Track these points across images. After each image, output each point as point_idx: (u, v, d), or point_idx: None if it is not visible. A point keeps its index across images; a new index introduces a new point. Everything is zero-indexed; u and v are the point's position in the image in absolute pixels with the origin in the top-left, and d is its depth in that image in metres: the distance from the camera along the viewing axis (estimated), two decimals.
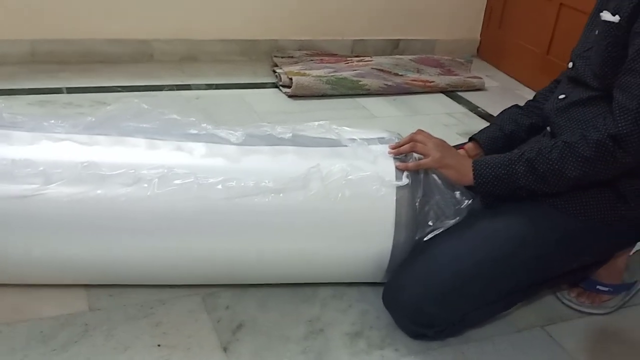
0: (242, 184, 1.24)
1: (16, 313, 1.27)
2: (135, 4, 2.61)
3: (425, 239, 1.32)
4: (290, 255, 1.32)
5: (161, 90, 2.45)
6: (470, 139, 1.54)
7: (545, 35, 2.87)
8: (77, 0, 2.51)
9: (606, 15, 1.26)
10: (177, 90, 2.48)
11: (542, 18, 2.89)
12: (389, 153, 1.35)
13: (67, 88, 2.35)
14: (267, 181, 1.25)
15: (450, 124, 2.45)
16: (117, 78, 2.49)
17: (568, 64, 1.42)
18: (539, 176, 1.25)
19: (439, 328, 1.29)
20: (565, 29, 2.77)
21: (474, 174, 1.30)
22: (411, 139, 1.36)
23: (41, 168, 1.19)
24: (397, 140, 1.39)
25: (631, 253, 1.50)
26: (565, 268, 1.37)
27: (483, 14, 3.29)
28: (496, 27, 3.23)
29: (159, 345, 1.23)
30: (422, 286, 1.25)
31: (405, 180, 1.30)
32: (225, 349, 1.24)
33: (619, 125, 1.18)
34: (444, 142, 1.38)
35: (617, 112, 1.19)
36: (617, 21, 1.23)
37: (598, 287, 1.48)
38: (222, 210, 1.24)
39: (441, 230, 1.32)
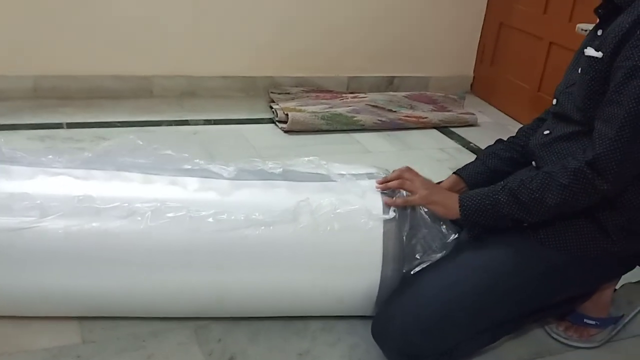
0: (233, 217, 1.27)
1: (9, 344, 1.29)
2: (137, 41, 2.68)
3: (412, 272, 1.35)
4: (280, 288, 1.34)
5: (160, 125, 2.50)
6: (455, 174, 1.57)
7: (536, 72, 2.94)
8: (80, 37, 2.59)
9: (590, 51, 1.31)
10: (176, 125, 2.53)
11: (533, 56, 2.96)
12: (377, 188, 1.39)
13: (67, 123, 2.40)
14: (257, 214, 1.28)
15: (442, 159, 2.50)
16: (118, 113, 2.54)
17: (553, 100, 1.46)
18: (521, 205, 1.28)
19: None
20: (555, 67, 2.83)
21: (460, 206, 1.33)
22: (399, 176, 1.40)
23: (38, 201, 1.22)
24: (384, 176, 1.43)
25: (617, 287, 1.53)
26: (550, 301, 1.39)
27: (476, 52, 3.36)
28: (488, 65, 3.30)
29: None
30: (410, 318, 1.28)
31: (392, 214, 1.33)
32: None
33: (597, 152, 1.22)
34: (430, 180, 1.43)
35: (596, 140, 1.23)
36: (600, 57, 1.27)
37: (585, 320, 1.50)
38: (213, 242, 1.27)
39: (428, 264, 1.35)
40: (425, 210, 1.38)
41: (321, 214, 1.31)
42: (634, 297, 1.56)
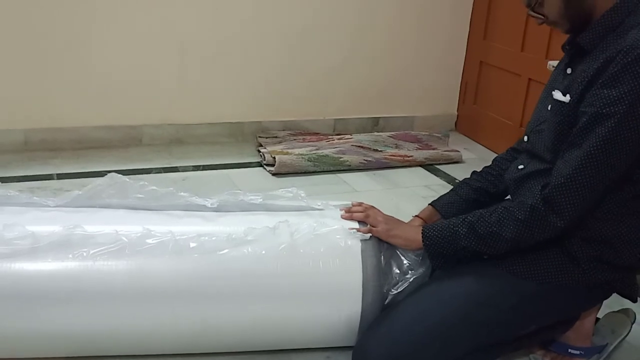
0: (215, 238, 1.33)
1: None
2: (125, 91, 2.74)
3: (392, 290, 1.39)
4: (263, 316, 1.36)
5: (150, 172, 2.54)
6: (430, 205, 1.64)
7: (517, 108, 3.01)
8: (68, 89, 2.64)
9: (557, 95, 1.36)
10: (165, 172, 2.57)
11: (513, 93, 3.04)
12: (342, 217, 1.46)
13: (57, 174, 2.44)
14: (238, 233, 1.34)
15: (428, 196, 2.52)
16: (107, 162, 2.58)
17: (523, 137, 1.51)
18: (478, 237, 1.34)
19: None
20: (534, 103, 2.81)
21: (422, 236, 1.39)
22: (364, 210, 1.48)
23: (30, 231, 1.27)
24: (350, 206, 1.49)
25: (599, 316, 1.55)
26: (524, 330, 1.41)
27: (459, 91, 3.44)
28: (471, 103, 3.37)
29: None
30: (384, 347, 1.31)
31: (367, 235, 1.39)
32: None
33: (552, 190, 1.27)
34: (393, 217, 1.50)
35: (553, 178, 1.28)
36: (567, 101, 1.32)
37: (570, 350, 1.50)
38: (196, 268, 1.31)
39: (406, 285, 1.39)
40: None
41: (301, 235, 1.37)
42: (617, 326, 1.57)
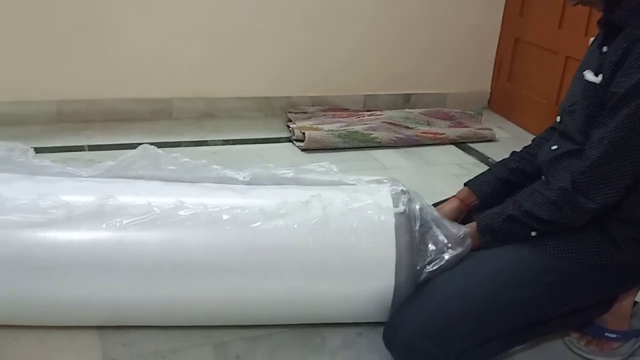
0: (247, 211, 1.32)
1: None
2: (156, 65, 2.74)
3: (426, 269, 1.36)
4: (295, 288, 1.35)
5: (180, 146, 2.54)
6: (465, 185, 1.62)
7: (553, 86, 2.94)
8: (100, 62, 2.65)
9: (589, 75, 1.33)
10: (195, 146, 2.57)
11: (549, 70, 2.96)
12: None
13: (89, 146, 2.46)
14: (271, 206, 1.33)
15: (460, 174, 2.49)
16: (138, 135, 2.59)
17: (557, 117, 1.47)
18: (522, 210, 1.34)
19: None
20: (571, 81, 2.82)
21: (476, 221, 1.40)
22: None
23: (64, 200, 1.27)
24: (397, 186, 1.45)
25: (638, 299, 1.51)
26: (560, 310, 1.39)
27: (492, 68, 3.37)
28: (505, 80, 3.30)
29: None
30: (416, 326, 1.29)
31: (402, 207, 1.37)
32: None
33: (579, 172, 1.27)
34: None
35: (581, 161, 1.28)
36: (598, 82, 1.30)
37: (606, 334, 1.48)
38: (229, 240, 1.30)
39: (442, 263, 1.36)
40: (434, 211, 1.42)
41: (333, 209, 1.35)
42: None
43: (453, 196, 1.61)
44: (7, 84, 2.54)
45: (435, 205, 1.58)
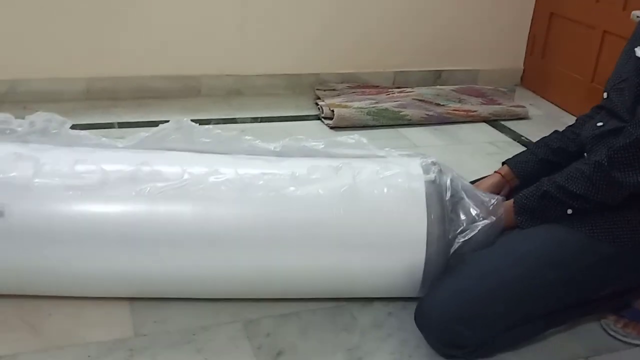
0: (279, 176, 1.33)
1: (65, 337, 1.32)
2: (185, 42, 2.72)
3: (457, 238, 1.34)
4: (325, 259, 1.34)
5: (208, 123, 2.52)
6: (504, 163, 1.59)
7: (589, 63, 2.85)
8: (129, 39, 2.64)
9: (639, 52, 1.27)
10: (223, 123, 2.56)
11: (586, 46, 2.87)
12: None
13: (118, 123, 2.46)
14: (302, 171, 1.34)
15: (493, 152, 2.44)
16: (167, 112, 2.58)
17: (603, 93, 1.42)
18: (557, 186, 1.31)
19: (468, 349, 1.30)
20: (609, 57, 2.73)
21: (513, 200, 1.38)
22: None
23: (100, 166, 1.30)
24: (428, 158, 1.43)
25: None
26: (597, 293, 1.35)
27: (526, 43, 3.28)
28: (539, 56, 3.21)
29: None
30: (450, 305, 1.27)
31: (432, 175, 1.36)
32: None
33: (617, 146, 1.24)
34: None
35: (621, 137, 1.25)
36: None
37: None
38: (261, 204, 1.31)
39: (474, 232, 1.34)
40: (465, 181, 1.40)
41: (364, 177, 1.34)
42: None
43: (495, 172, 1.58)
44: (36, 60, 2.54)
45: (474, 182, 1.55)
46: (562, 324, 1.43)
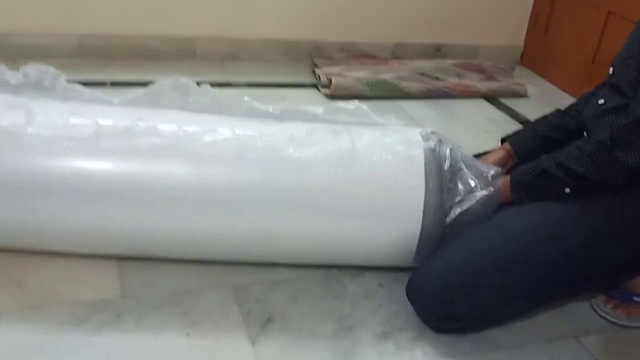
0: (277, 138, 1.30)
1: (51, 295, 1.30)
2: (181, 2, 2.65)
3: (454, 208, 1.32)
4: (318, 218, 1.32)
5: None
6: (503, 140, 1.57)
7: (592, 43, 2.81)
8: None
9: None
10: (218, 87, 2.48)
11: (589, 26, 2.83)
12: None
13: (111, 82, 2.40)
14: (300, 133, 1.31)
15: (490, 129, 2.42)
16: (160, 73, 2.46)
17: (609, 69, 1.40)
18: (557, 164, 1.29)
19: (459, 323, 1.29)
20: (612, 38, 2.70)
21: (510, 176, 1.36)
22: None
23: (94, 119, 1.27)
24: (429, 130, 1.41)
25: None
26: (590, 271, 1.34)
27: (528, 20, 3.23)
28: (541, 34, 3.17)
29: (187, 334, 1.24)
30: (443, 280, 1.27)
31: (432, 143, 1.33)
32: (253, 343, 1.25)
33: (622, 125, 1.22)
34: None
35: (625, 115, 1.23)
36: None
37: (634, 298, 1.44)
38: (256, 167, 1.28)
39: (471, 203, 1.32)
40: (464, 151, 1.38)
41: (363, 143, 1.32)
42: None
43: (499, 147, 1.56)
44: (28, 13, 2.47)
45: (478, 156, 1.52)
46: (553, 301, 1.42)
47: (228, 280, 1.40)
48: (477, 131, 2.38)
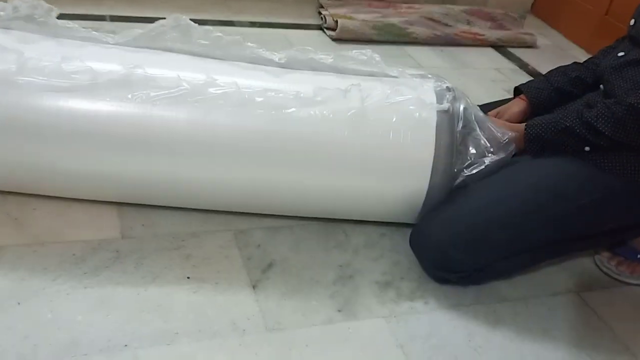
0: (282, 95, 1.23)
1: (50, 234, 1.28)
2: None
3: (463, 172, 1.29)
4: (325, 180, 1.29)
5: (205, 24, 2.37)
6: (517, 89, 1.53)
7: None
8: None
9: None
10: (220, 25, 2.43)
11: None
12: None
13: (110, 16, 2.33)
14: (307, 92, 1.25)
15: (497, 79, 2.37)
16: (162, 9, 2.45)
17: (630, 20, 1.34)
18: (583, 123, 1.25)
19: (462, 274, 1.28)
20: None
21: (525, 125, 1.32)
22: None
23: (89, 66, 1.19)
24: (442, 82, 1.36)
25: None
26: (599, 228, 1.33)
27: None
28: None
29: (188, 278, 1.23)
30: (449, 230, 1.25)
31: (446, 105, 1.28)
32: (254, 287, 1.24)
33: None
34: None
35: None
36: None
37: (639, 256, 1.43)
38: (260, 121, 1.22)
39: (481, 167, 1.29)
40: (479, 111, 1.33)
41: (372, 102, 1.26)
42: None
43: (517, 98, 1.51)
44: None
45: (490, 105, 1.48)
46: (558, 256, 1.41)
47: (229, 224, 1.38)
48: (484, 80, 2.33)
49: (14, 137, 1.20)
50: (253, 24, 2.49)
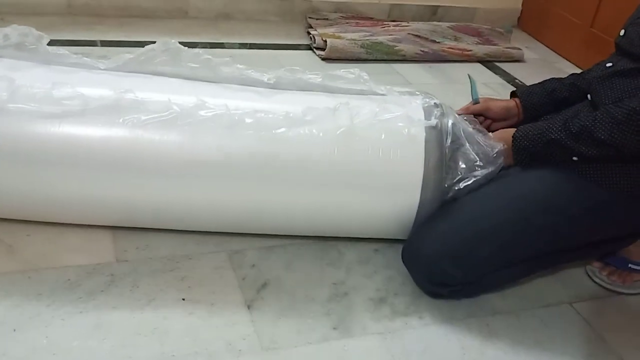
0: (271, 115, 1.24)
1: (45, 260, 1.28)
2: None
3: (453, 187, 1.30)
4: (316, 198, 1.30)
5: (195, 47, 2.39)
6: (512, 94, 1.56)
7: (590, 7, 2.77)
8: None
9: None
10: (210, 47, 2.45)
11: None
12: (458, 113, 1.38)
13: (101, 41, 2.35)
14: (296, 112, 1.26)
15: (486, 94, 2.35)
16: (152, 33, 2.47)
17: (620, 31, 1.37)
18: (570, 133, 1.25)
19: (454, 288, 1.29)
20: (610, 2, 2.66)
21: (512, 135, 1.33)
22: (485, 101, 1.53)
23: (80, 91, 1.21)
24: (430, 99, 1.38)
25: None
26: (588, 239, 1.34)
27: None
28: None
29: (183, 299, 1.23)
30: (440, 244, 1.25)
31: (434, 121, 1.29)
32: (249, 307, 1.24)
33: None
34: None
35: None
36: None
37: (630, 265, 1.45)
38: (251, 145, 1.23)
39: (471, 182, 1.30)
40: (469, 124, 1.34)
41: (361, 119, 1.27)
42: None
43: (512, 98, 1.55)
44: None
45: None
46: (549, 267, 1.42)
47: (223, 245, 1.39)
48: None
49: (5, 164, 1.21)
50: (243, 45, 2.52)
